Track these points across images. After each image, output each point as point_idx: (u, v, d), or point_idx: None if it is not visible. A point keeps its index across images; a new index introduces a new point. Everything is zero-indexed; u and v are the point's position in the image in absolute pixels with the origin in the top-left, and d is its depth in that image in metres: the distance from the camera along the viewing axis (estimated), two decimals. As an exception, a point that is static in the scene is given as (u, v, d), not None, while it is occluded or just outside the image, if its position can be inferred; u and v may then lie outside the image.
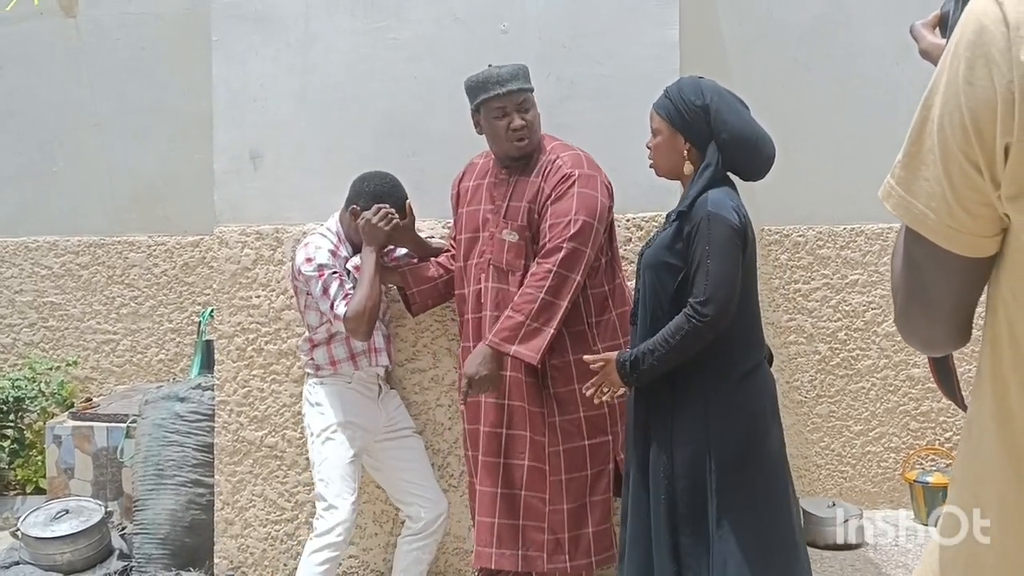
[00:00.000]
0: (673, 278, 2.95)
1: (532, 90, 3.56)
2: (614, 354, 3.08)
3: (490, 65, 3.56)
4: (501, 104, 3.49)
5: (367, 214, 3.64)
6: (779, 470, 3.03)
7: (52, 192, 5.70)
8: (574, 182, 3.45)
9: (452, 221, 3.88)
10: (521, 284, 3.48)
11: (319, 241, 3.69)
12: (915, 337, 1.34)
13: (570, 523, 3.52)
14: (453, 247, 3.83)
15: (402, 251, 3.92)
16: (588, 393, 3.16)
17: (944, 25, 1.41)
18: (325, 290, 3.59)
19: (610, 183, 3.56)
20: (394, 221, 3.63)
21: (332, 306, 3.58)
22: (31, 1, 5.46)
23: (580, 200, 3.43)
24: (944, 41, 1.28)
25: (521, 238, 3.52)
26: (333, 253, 3.65)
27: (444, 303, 3.93)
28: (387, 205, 3.65)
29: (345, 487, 3.64)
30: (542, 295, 3.36)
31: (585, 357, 3.22)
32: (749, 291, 3.03)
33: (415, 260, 3.88)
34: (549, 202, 3.46)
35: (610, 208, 3.55)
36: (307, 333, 3.80)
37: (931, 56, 1.38)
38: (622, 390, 3.13)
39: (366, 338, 3.63)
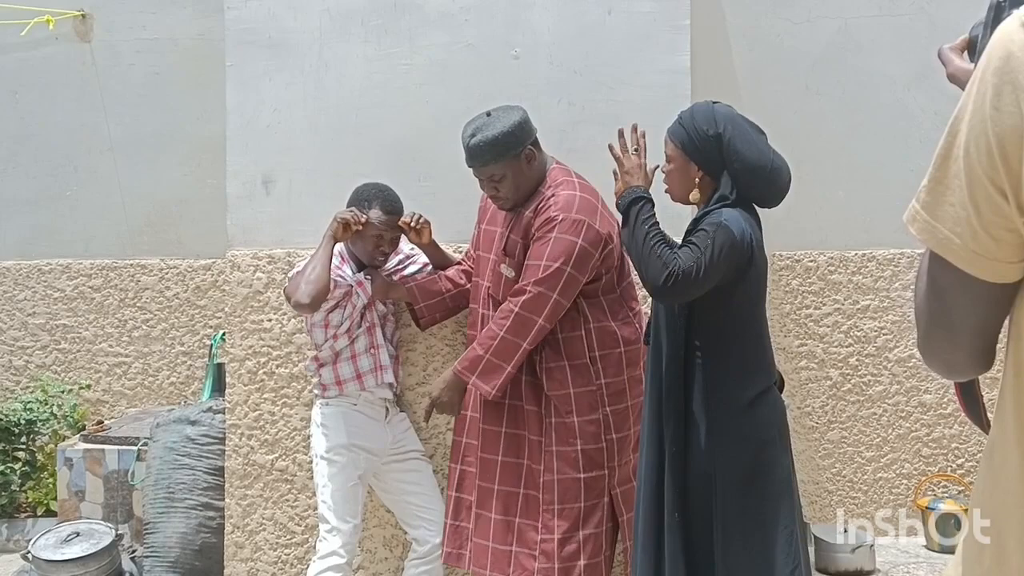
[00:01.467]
0: None
1: (505, 160, 3.46)
2: (641, 185, 3.14)
3: (488, 113, 3.52)
4: (476, 175, 3.56)
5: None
6: (785, 499, 3.01)
7: (65, 215, 5.73)
8: (555, 226, 3.42)
9: (467, 241, 3.90)
10: None
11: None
12: (938, 361, 1.32)
13: (560, 553, 3.51)
14: (470, 261, 3.86)
15: (414, 268, 3.93)
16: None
17: (973, 50, 1.41)
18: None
19: (604, 226, 3.49)
20: (354, 218, 3.63)
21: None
22: (46, 26, 5.51)
23: (556, 245, 3.40)
24: (972, 66, 1.28)
25: (518, 273, 3.54)
26: (334, 270, 3.67)
27: (453, 316, 3.95)
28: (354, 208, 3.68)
29: (348, 510, 3.64)
30: (502, 333, 3.45)
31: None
32: (756, 317, 3.03)
33: (424, 276, 3.90)
34: (532, 241, 3.48)
35: (598, 252, 3.46)
36: (314, 351, 3.81)
37: (959, 80, 1.38)
38: None
39: (305, 308, 3.56)
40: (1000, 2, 1.25)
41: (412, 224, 3.72)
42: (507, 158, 3.47)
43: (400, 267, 3.92)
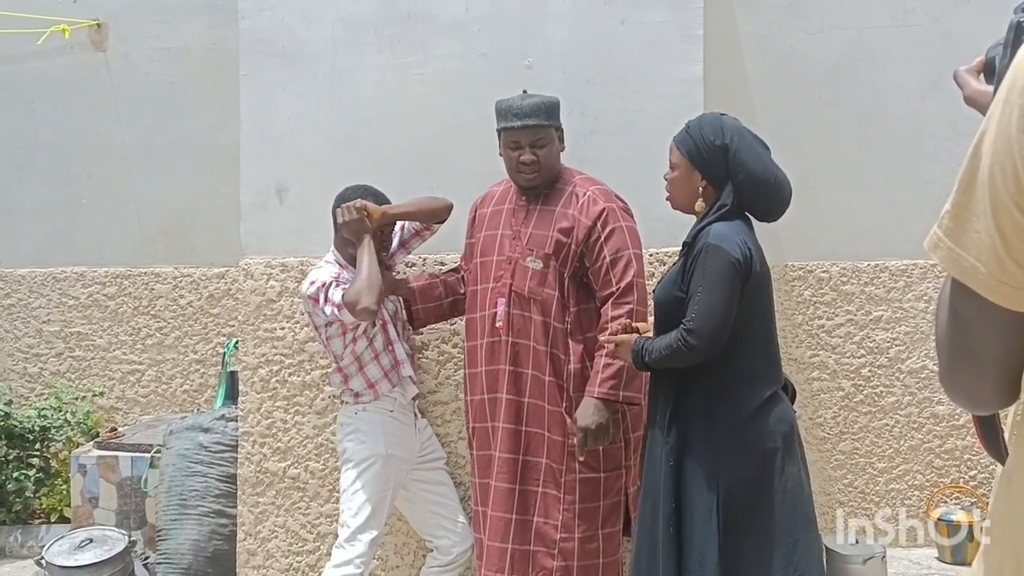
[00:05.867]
0: (681, 310, 2.97)
1: (553, 126, 3.57)
2: (634, 337, 3.13)
3: (524, 91, 3.61)
4: (515, 137, 3.53)
5: (337, 219, 3.69)
6: (789, 509, 2.99)
7: (80, 224, 5.76)
8: (619, 216, 3.52)
9: (465, 246, 3.88)
10: (543, 312, 3.53)
11: (319, 270, 3.71)
12: (962, 395, 1.25)
13: (581, 553, 3.53)
14: (464, 269, 3.86)
15: (396, 238, 3.90)
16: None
17: (990, 71, 1.36)
18: (326, 296, 3.59)
19: None
20: (358, 205, 3.63)
21: (328, 298, 3.57)
22: (62, 35, 5.55)
23: (630, 234, 3.52)
24: (990, 88, 1.25)
25: (546, 266, 3.54)
26: (336, 278, 3.65)
27: (444, 320, 3.96)
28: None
29: (373, 521, 3.63)
30: None
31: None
32: (760, 325, 3.02)
33: (425, 280, 3.90)
34: (603, 239, 3.49)
35: None
36: (336, 364, 3.79)
37: (976, 103, 1.33)
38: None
39: (371, 314, 3.53)
40: (1020, 22, 1.21)
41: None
42: (553, 124, 3.58)
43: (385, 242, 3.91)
